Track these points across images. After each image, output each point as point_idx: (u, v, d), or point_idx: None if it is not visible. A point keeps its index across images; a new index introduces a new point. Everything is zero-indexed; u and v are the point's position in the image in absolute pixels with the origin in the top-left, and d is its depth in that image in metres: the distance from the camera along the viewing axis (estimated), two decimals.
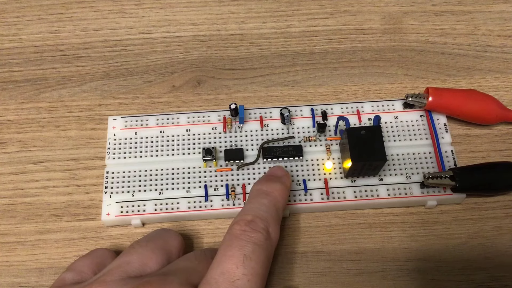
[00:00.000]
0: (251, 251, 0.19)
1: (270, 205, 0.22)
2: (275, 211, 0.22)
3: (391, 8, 0.33)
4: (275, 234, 0.21)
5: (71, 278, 0.21)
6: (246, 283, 0.19)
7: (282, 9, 0.33)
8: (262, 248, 0.20)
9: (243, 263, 0.19)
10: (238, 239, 0.20)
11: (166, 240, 0.22)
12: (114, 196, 0.26)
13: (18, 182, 0.28)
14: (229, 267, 0.19)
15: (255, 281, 0.19)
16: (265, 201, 0.22)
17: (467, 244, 0.26)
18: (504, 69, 0.31)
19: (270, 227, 0.21)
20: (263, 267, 0.20)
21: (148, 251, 0.21)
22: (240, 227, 0.20)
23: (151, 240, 0.22)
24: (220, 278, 0.19)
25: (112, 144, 0.28)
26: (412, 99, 0.27)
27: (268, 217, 0.21)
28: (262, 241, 0.20)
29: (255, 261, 0.19)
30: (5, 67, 0.31)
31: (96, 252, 0.23)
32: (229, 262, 0.19)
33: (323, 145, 0.27)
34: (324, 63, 0.31)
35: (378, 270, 0.25)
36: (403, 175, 0.26)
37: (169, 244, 0.22)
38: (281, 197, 0.23)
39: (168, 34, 0.32)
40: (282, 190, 0.23)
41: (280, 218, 0.22)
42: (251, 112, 0.29)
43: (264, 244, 0.20)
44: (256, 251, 0.20)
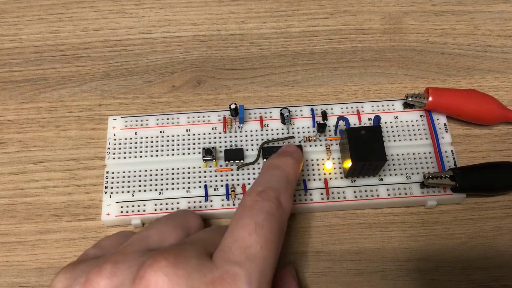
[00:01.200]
0: (263, 219, 0.20)
1: (281, 176, 0.22)
2: (286, 182, 0.22)
3: (391, 8, 0.33)
4: (287, 203, 0.21)
5: (94, 253, 0.22)
6: (258, 249, 0.19)
7: (282, 9, 0.33)
8: (274, 217, 0.20)
9: (255, 231, 0.19)
10: (250, 209, 0.20)
11: (185, 219, 0.23)
12: (114, 196, 0.26)
13: (18, 182, 0.28)
14: (242, 235, 0.19)
15: (267, 247, 0.19)
16: (275, 172, 0.22)
17: (467, 244, 0.26)
18: (504, 69, 0.31)
19: (282, 197, 0.21)
20: (276, 234, 0.20)
21: (168, 227, 0.21)
22: (251, 197, 0.21)
23: (171, 218, 0.22)
24: (233, 245, 0.19)
25: (112, 144, 0.28)
26: (412, 99, 0.27)
27: (279, 187, 0.21)
28: (274, 209, 0.20)
29: (267, 229, 0.19)
30: (5, 67, 0.31)
31: (122, 233, 0.23)
32: (241, 230, 0.19)
33: (323, 145, 0.27)
34: (324, 63, 0.31)
35: (378, 270, 0.25)
36: (403, 175, 0.26)
37: (188, 223, 0.22)
38: (292, 169, 0.23)
39: (168, 34, 0.32)
40: (293, 163, 0.23)
41: (292, 189, 0.23)
42: (251, 112, 0.29)
43: (276, 213, 0.20)
44: (268, 219, 0.20)
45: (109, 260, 0.19)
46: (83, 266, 0.20)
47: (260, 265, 0.18)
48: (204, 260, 0.18)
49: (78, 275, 0.19)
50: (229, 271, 0.18)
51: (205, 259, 0.19)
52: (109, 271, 0.18)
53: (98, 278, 0.18)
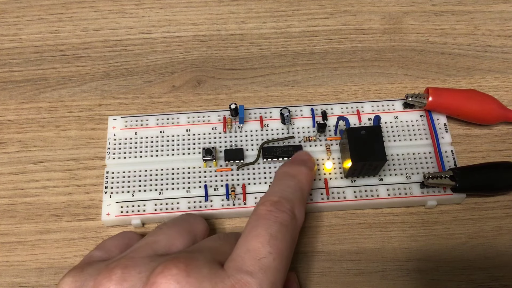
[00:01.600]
0: (277, 231, 0.19)
1: (295, 187, 0.22)
2: (300, 193, 0.22)
3: (391, 8, 0.33)
4: (301, 215, 0.21)
5: (99, 256, 0.22)
6: (271, 261, 0.19)
7: (282, 9, 0.33)
8: (288, 228, 0.20)
9: (268, 242, 0.19)
10: (264, 219, 0.20)
11: (192, 224, 0.23)
12: (114, 196, 0.26)
13: (18, 182, 0.28)
14: (255, 245, 0.19)
15: (280, 259, 0.19)
16: (290, 183, 0.22)
17: (467, 244, 0.26)
18: (504, 69, 0.31)
19: (296, 208, 0.21)
20: (288, 246, 0.20)
21: (175, 232, 0.21)
22: (266, 207, 0.20)
23: (178, 223, 0.22)
24: (246, 255, 0.19)
25: (112, 144, 0.28)
26: (412, 99, 0.27)
27: (293, 198, 0.21)
28: (287, 221, 0.20)
29: (280, 240, 0.19)
30: (5, 67, 0.31)
31: (125, 234, 0.23)
32: (255, 240, 0.19)
33: (323, 145, 0.27)
34: (324, 63, 0.31)
35: (378, 270, 0.25)
36: (403, 175, 0.26)
37: (194, 228, 0.23)
38: (306, 180, 0.23)
39: (168, 34, 0.32)
40: (307, 173, 0.23)
41: (305, 200, 0.23)
42: (251, 112, 0.29)
43: (289, 224, 0.20)
44: (282, 230, 0.20)
45: (118, 265, 0.19)
46: (90, 269, 0.20)
47: (272, 277, 0.18)
48: (216, 269, 0.18)
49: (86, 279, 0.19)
50: (240, 280, 0.18)
51: (216, 268, 0.18)
52: (119, 276, 0.18)
53: (108, 283, 0.18)
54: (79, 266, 0.20)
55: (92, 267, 0.20)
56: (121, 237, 0.23)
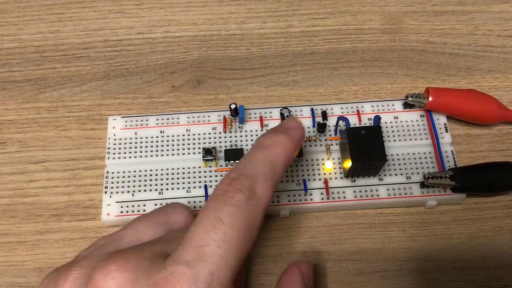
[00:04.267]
0: (226, 214, 0.17)
1: (264, 160, 0.19)
2: (269, 166, 0.19)
3: (391, 8, 0.33)
4: (265, 192, 0.19)
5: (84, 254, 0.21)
6: (215, 249, 0.17)
7: (282, 9, 0.33)
8: (242, 210, 0.18)
9: (214, 227, 0.17)
10: (215, 201, 0.18)
11: (168, 214, 0.21)
12: (114, 196, 0.26)
13: (18, 182, 0.28)
14: (199, 232, 0.17)
15: (227, 246, 0.17)
16: (259, 155, 0.20)
17: (467, 244, 0.26)
18: (504, 69, 0.31)
19: (258, 185, 0.18)
20: (240, 231, 0.17)
21: (144, 226, 0.20)
22: (222, 186, 0.18)
23: (151, 215, 0.21)
24: (187, 243, 0.17)
25: (112, 144, 0.28)
26: (412, 99, 0.27)
27: (257, 173, 0.19)
28: (242, 201, 0.18)
29: (229, 225, 0.17)
30: (5, 67, 0.31)
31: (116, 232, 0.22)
32: (200, 226, 0.17)
33: (323, 145, 0.27)
34: (324, 63, 0.31)
35: (378, 270, 0.25)
36: (403, 175, 0.26)
37: (170, 219, 0.21)
38: (282, 151, 0.20)
39: (168, 34, 0.32)
40: (285, 143, 0.20)
41: (276, 175, 0.19)
42: (251, 112, 0.29)
43: (245, 205, 0.18)
44: (232, 213, 0.17)
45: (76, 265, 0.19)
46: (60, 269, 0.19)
47: (213, 266, 0.17)
48: (157, 261, 0.17)
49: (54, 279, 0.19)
50: (175, 271, 0.16)
51: (158, 260, 0.17)
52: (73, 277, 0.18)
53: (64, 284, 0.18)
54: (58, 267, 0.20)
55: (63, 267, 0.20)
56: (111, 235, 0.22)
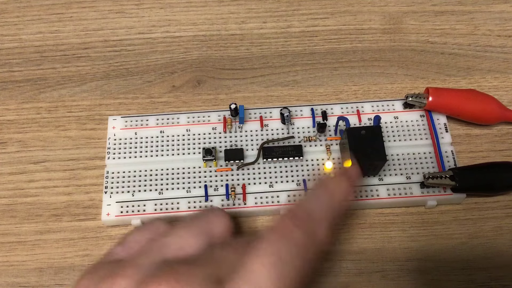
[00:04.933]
0: (286, 253, 0.17)
1: (327, 203, 0.20)
2: (331, 211, 0.20)
3: (391, 8, 0.33)
4: (324, 236, 0.19)
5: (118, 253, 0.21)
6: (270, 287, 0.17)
7: (282, 9, 0.33)
8: (301, 249, 0.18)
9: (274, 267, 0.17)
10: (276, 234, 0.18)
11: (210, 223, 0.21)
12: (114, 196, 0.26)
13: (18, 182, 0.28)
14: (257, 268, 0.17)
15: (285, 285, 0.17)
16: (322, 197, 0.20)
17: (467, 244, 0.26)
18: (504, 69, 0.31)
19: (319, 228, 0.19)
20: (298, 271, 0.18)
21: (188, 234, 0.20)
22: (284, 221, 0.18)
23: (193, 223, 0.21)
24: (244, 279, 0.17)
25: (112, 144, 0.28)
26: (412, 99, 0.27)
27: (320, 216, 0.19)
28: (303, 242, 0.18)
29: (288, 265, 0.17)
30: (5, 67, 0.31)
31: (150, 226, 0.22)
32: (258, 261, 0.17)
33: (323, 145, 0.27)
34: (324, 63, 0.31)
35: (378, 270, 0.25)
36: (403, 175, 0.26)
37: (213, 228, 0.21)
38: (344, 197, 0.21)
39: (168, 34, 0.32)
40: (346, 189, 0.21)
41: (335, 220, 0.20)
42: (251, 112, 0.29)
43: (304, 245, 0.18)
44: (293, 253, 0.18)
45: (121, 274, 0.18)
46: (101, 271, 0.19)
47: None
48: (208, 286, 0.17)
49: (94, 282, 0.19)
50: None
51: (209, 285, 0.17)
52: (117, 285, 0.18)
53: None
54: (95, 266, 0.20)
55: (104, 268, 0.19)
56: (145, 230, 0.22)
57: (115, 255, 0.21)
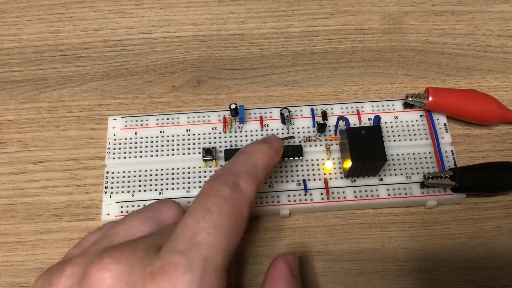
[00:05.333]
0: (213, 204, 0.18)
1: (246, 161, 0.21)
2: (252, 166, 0.21)
3: (391, 8, 0.33)
4: (249, 187, 0.20)
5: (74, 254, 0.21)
6: (205, 236, 0.17)
7: (282, 9, 0.33)
8: (227, 201, 0.19)
9: (203, 217, 0.18)
10: (203, 195, 0.19)
11: (158, 210, 0.21)
12: (114, 196, 0.26)
13: (18, 182, 0.28)
14: (190, 223, 0.18)
15: (217, 234, 0.18)
16: (241, 158, 0.21)
17: (467, 244, 0.26)
18: (504, 69, 0.31)
19: (242, 180, 0.20)
20: (228, 220, 0.18)
21: (136, 222, 0.21)
22: (208, 183, 0.19)
23: (143, 212, 0.21)
24: (180, 234, 0.18)
25: (112, 144, 0.28)
26: (412, 99, 0.27)
27: (240, 170, 0.20)
28: (227, 193, 0.19)
29: (217, 214, 0.18)
30: (5, 67, 0.31)
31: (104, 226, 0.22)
32: (190, 218, 0.18)
33: (323, 145, 0.27)
34: (324, 63, 0.31)
35: (378, 270, 0.25)
36: (403, 175, 0.26)
37: (161, 214, 0.21)
38: (262, 155, 0.21)
39: (168, 34, 0.32)
40: (266, 150, 0.22)
41: (258, 175, 0.21)
42: (251, 112, 0.29)
43: (230, 197, 0.19)
44: (219, 204, 0.18)
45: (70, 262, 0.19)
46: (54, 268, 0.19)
47: (206, 252, 0.17)
48: (151, 253, 0.18)
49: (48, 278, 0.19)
50: (170, 261, 0.17)
51: (151, 252, 0.18)
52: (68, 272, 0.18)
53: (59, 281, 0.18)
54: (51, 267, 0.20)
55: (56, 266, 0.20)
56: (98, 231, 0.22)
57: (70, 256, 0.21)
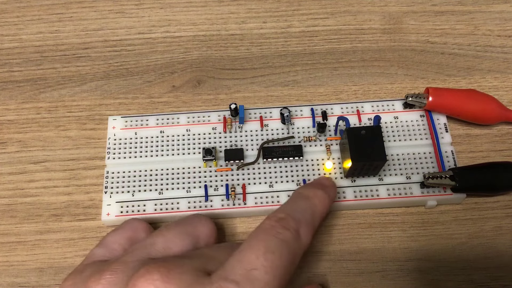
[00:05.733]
0: (275, 246, 0.18)
1: (306, 208, 0.21)
2: (311, 216, 0.21)
3: (391, 8, 0.33)
4: (306, 237, 0.20)
5: (100, 254, 0.21)
6: (262, 274, 0.18)
7: (282, 9, 0.33)
8: (288, 247, 0.19)
9: (264, 255, 0.18)
10: (264, 233, 0.19)
11: (195, 226, 0.22)
12: (114, 196, 0.26)
13: (18, 182, 0.28)
14: (249, 256, 0.18)
15: (273, 275, 0.18)
16: (302, 204, 0.21)
17: (467, 244, 0.26)
18: (504, 69, 0.31)
19: (302, 229, 0.20)
20: (286, 264, 0.19)
21: (174, 235, 0.21)
22: (270, 222, 0.20)
23: (180, 225, 0.22)
24: (237, 264, 0.18)
25: (112, 144, 0.28)
26: (412, 99, 0.27)
27: (301, 218, 0.20)
28: (289, 239, 0.19)
29: (277, 256, 0.18)
30: (5, 67, 0.31)
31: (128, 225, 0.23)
32: (249, 251, 0.18)
33: (323, 145, 0.27)
34: (324, 63, 0.31)
35: (378, 270, 0.25)
36: (403, 175, 0.26)
37: (197, 231, 0.22)
38: (321, 204, 0.22)
39: (168, 34, 0.32)
40: (323, 198, 0.22)
41: (315, 224, 0.21)
42: (251, 112, 0.29)
43: (291, 243, 0.19)
44: (281, 247, 0.19)
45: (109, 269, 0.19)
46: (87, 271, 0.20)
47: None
48: (199, 277, 0.18)
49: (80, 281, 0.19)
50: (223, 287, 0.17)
51: (201, 276, 0.18)
52: (107, 280, 0.18)
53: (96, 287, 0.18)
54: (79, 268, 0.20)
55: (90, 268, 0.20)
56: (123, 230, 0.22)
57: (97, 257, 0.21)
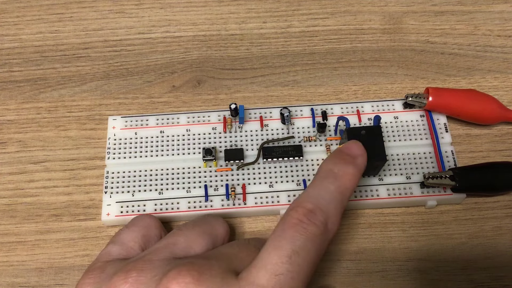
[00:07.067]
0: (301, 246, 0.18)
1: (336, 193, 0.20)
2: (340, 201, 0.20)
3: (391, 8, 0.33)
4: (334, 226, 0.20)
5: (117, 252, 0.21)
6: (289, 279, 0.18)
7: (282, 9, 0.33)
8: (315, 243, 0.19)
9: (289, 258, 0.18)
10: (291, 230, 0.19)
11: (212, 226, 0.22)
12: (114, 196, 0.26)
13: (18, 182, 0.28)
14: (274, 260, 0.18)
15: (299, 279, 0.18)
16: (330, 187, 0.20)
17: (467, 244, 0.26)
18: (504, 69, 0.31)
19: (330, 219, 0.19)
20: (311, 265, 0.19)
21: (195, 235, 0.21)
22: (297, 215, 0.19)
23: (198, 225, 0.22)
24: (263, 269, 0.18)
25: (112, 144, 0.28)
26: (412, 99, 0.27)
27: (330, 208, 0.20)
28: (316, 235, 0.19)
29: (303, 258, 0.18)
30: (5, 67, 0.31)
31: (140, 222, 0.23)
32: (275, 254, 0.18)
33: (323, 145, 0.27)
34: (324, 63, 0.31)
35: (378, 270, 0.25)
36: (403, 175, 0.26)
37: (215, 230, 0.22)
38: (350, 183, 0.21)
39: (168, 34, 0.32)
40: (354, 175, 0.21)
41: (344, 208, 0.21)
42: (251, 112, 0.29)
43: (318, 239, 0.19)
44: (307, 246, 0.18)
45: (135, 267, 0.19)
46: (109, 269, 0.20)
47: None
48: (229, 279, 0.18)
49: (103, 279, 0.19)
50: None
51: (230, 278, 0.18)
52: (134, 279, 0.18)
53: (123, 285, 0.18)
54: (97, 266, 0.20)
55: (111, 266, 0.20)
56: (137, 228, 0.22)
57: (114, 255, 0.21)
